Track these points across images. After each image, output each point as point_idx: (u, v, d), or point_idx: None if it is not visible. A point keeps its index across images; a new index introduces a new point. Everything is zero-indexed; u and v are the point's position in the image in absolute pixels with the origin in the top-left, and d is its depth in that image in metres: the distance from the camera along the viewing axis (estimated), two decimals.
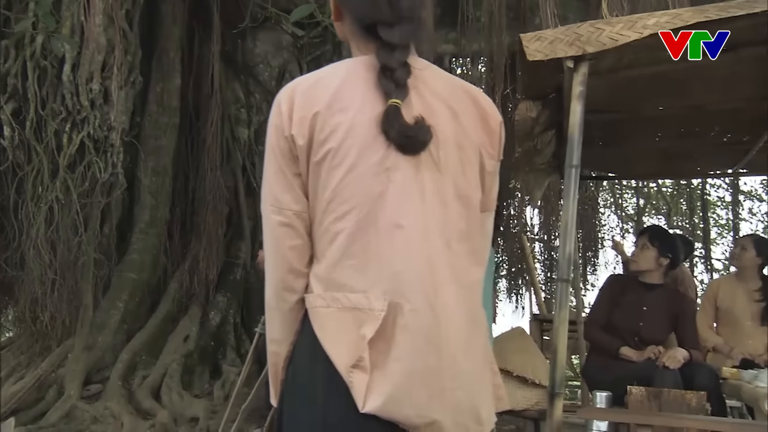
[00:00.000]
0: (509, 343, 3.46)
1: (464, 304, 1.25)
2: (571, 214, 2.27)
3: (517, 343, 3.47)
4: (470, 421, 1.22)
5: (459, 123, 1.28)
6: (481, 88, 6.06)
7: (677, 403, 3.07)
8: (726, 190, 13.46)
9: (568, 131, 2.32)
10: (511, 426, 5.25)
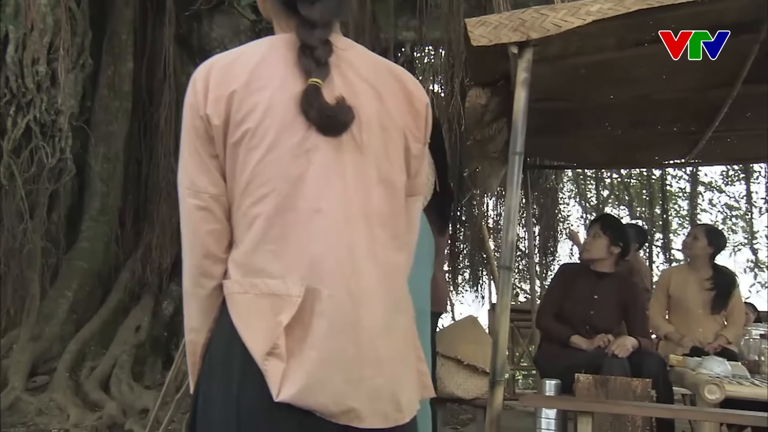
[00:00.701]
0: (460, 332, 3.48)
1: (386, 290, 1.23)
2: (514, 202, 2.27)
3: (469, 332, 3.48)
4: (389, 408, 1.20)
5: (383, 104, 1.25)
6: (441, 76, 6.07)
7: (623, 391, 3.12)
8: (687, 181, 13.74)
9: (513, 118, 2.32)
10: (469, 415, 5.30)
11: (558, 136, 3.93)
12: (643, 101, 3.22)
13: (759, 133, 3.71)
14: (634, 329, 3.69)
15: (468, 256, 8.16)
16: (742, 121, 3.47)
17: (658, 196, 13.40)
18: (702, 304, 4.32)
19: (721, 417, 2.44)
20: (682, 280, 4.40)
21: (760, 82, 2.91)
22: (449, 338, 3.39)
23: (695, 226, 4.78)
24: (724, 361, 3.11)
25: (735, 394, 2.55)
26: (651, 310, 4.47)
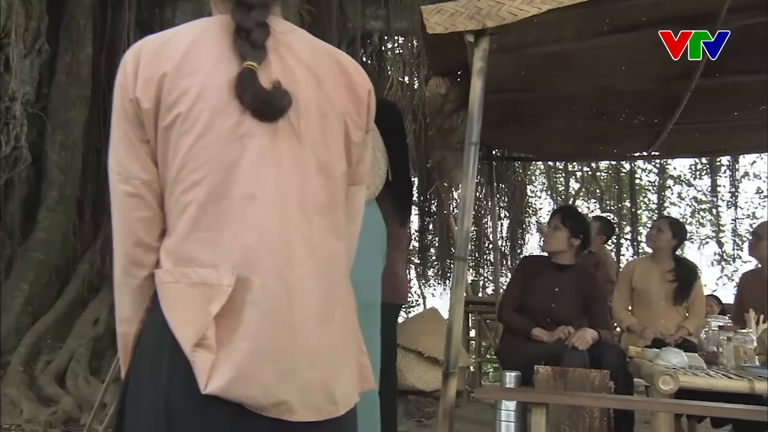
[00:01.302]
0: (421, 325, 3.48)
1: (322, 280, 1.21)
2: (470, 193, 2.27)
3: (430, 324, 3.49)
4: (323, 401, 1.19)
5: (323, 90, 1.23)
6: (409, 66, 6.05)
7: (581, 382, 3.15)
8: (656, 174, 13.93)
9: (469, 108, 2.31)
10: (434, 408, 5.31)
11: (521, 128, 3.94)
12: (604, 93, 3.24)
13: (719, 126, 3.77)
14: (594, 321, 3.72)
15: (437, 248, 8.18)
16: (703, 114, 3.52)
17: (627, 190, 13.58)
18: (664, 296, 4.38)
19: (674, 407, 2.48)
20: (645, 272, 4.45)
21: (718, 75, 2.94)
22: (410, 331, 3.40)
23: (659, 219, 4.84)
24: (681, 352, 3.15)
25: (689, 385, 2.59)
26: (614, 302, 4.53)
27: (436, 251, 7.52)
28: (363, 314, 1.90)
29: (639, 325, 4.32)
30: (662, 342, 4.12)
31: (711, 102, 3.36)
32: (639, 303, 4.45)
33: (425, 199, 7.39)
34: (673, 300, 4.34)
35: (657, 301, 4.37)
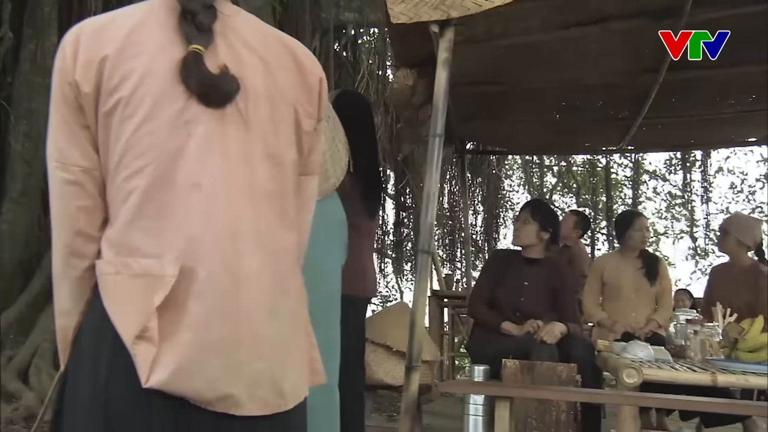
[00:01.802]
0: (390, 319, 3.46)
1: (271, 271, 1.19)
2: (433, 185, 2.26)
3: (399, 318, 3.46)
4: (270, 394, 1.16)
5: (272, 76, 1.20)
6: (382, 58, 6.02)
7: (548, 376, 3.16)
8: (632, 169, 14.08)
9: (434, 99, 2.30)
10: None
11: (493, 121, 3.94)
12: (573, 86, 3.25)
13: (688, 120, 3.80)
14: (563, 315, 3.73)
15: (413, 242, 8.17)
16: (671, 108, 3.55)
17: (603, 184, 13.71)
18: (635, 288, 4.41)
19: (637, 400, 2.49)
20: (615, 267, 4.48)
21: (685, 69, 2.96)
22: (379, 325, 3.38)
23: (639, 218, 4.82)
24: (647, 345, 3.17)
25: (653, 378, 2.60)
26: (584, 298, 4.55)
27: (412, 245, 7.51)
28: (322, 307, 1.90)
29: (609, 320, 4.36)
30: (632, 336, 4.16)
31: (679, 96, 3.38)
32: (610, 297, 4.48)
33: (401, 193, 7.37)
34: (649, 283, 4.36)
35: (628, 295, 4.41)
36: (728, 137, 4.50)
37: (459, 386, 2.39)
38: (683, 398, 2.57)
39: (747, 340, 2.80)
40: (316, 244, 1.85)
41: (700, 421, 3.81)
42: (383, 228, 8.42)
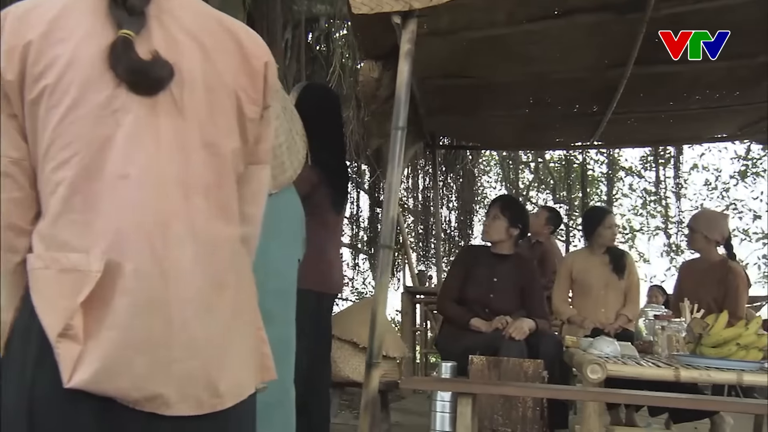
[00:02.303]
0: (357, 315, 3.43)
1: (207, 265, 1.15)
2: (395, 179, 2.24)
3: (366, 314, 3.41)
4: (204, 394, 1.13)
5: (210, 62, 1.16)
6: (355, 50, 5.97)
7: (515, 372, 3.16)
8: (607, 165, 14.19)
9: (396, 91, 2.28)
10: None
11: (464, 116, 3.93)
12: (542, 80, 3.25)
13: (657, 116, 3.83)
14: (532, 311, 3.74)
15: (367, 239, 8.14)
16: (640, 103, 3.56)
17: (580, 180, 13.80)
18: (604, 284, 4.43)
19: (600, 396, 2.50)
20: (584, 264, 4.50)
21: (652, 64, 2.97)
22: (346, 321, 3.34)
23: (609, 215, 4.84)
24: (614, 341, 3.19)
25: (617, 373, 2.61)
26: (554, 295, 4.56)
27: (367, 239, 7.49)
28: (277, 302, 1.87)
29: (579, 316, 4.38)
30: (602, 332, 4.18)
31: (647, 91, 3.40)
32: (579, 294, 4.50)
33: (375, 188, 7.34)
34: (617, 278, 4.38)
35: (597, 290, 4.42)
36: (698, 133, 4.54)
37: (420, 383, 2.38)
38: (648, 394, 2.58)
39: (711, 336, 2.82)
40: (271, 238, 1.83)
41: (668, 417, 3.84)
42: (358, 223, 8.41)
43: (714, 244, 4.14)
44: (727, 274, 4.06)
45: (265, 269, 1.77)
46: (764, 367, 2.75)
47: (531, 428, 3.13)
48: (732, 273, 4.07)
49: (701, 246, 4.20)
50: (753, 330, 2.77)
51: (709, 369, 2.58)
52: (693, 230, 4.25)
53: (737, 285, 4.04)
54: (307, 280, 2.87)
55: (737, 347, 2.73)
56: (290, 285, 1.92)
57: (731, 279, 4.03)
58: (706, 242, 4.13)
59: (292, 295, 1.93)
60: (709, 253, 4.19)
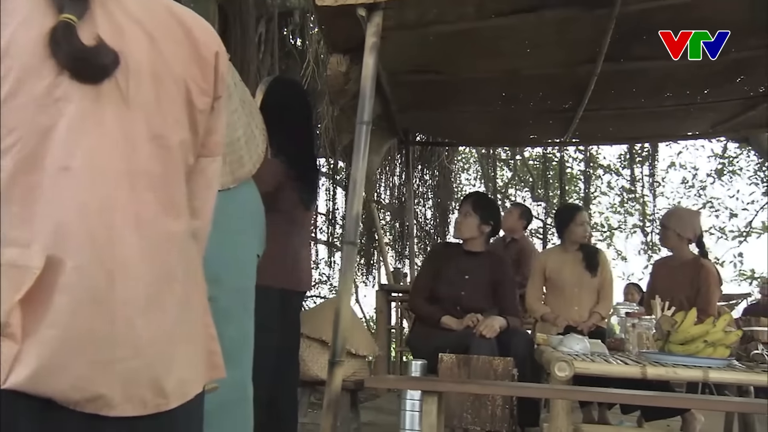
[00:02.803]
0: (326, 313, 3.39)
1: (153, 262, 1.12)
2: (360, 174, 2.22)
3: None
4: (148, 393, 1.10)
5: (157, 50, 1.13)
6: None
7: (485, 370, 3.16)
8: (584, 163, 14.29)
9: (361, 85, 2.26)
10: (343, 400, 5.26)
11: (437, 111, 3.92)
12: (513, 76, 3.25)
13: (629, 113, 3.85)
14: (503, 308, 3.74)
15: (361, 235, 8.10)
16: (612, 100, 3.58)
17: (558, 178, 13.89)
18: (577, 282, 4.45)
19: (566, 394, 2.50)
20: (558, 261, 4.52)
21: (622, 60, 2.99)
22: (315, 319, 3.32)
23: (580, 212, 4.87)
24: (584, 339, 3.20)
25: (584, 371, 2.62)
26: (527, 293, 4.59)
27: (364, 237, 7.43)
28: (235, 299, 1.85)
29: (552, 314, 4.40)
30: (575, 330, 4.20)
31: (618, 88, 3.42)
32: (553, 292, 4.52)
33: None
34: (590, 276, 4.41)
35: (570, 288, 4.45)
36: (671, 131, 4.57)
37: (384, 382, 2.37)
38: (617, 392, 2.59)
39: (678, 333, 2.83)
40: (229, 234, 1.80)
41: (640, 415, 3.87)
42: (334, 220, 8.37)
43: (686, 241, 4.18)
44: (699, 272, 4.10)
45: (222, 265, 1.75)
46: (732, 364, 2.78)
47: (500, 426, 3.14)
48: (704, 271, 4.11)
49: (674, 243, 4.23)
50: (720, 327, 2.79)
51: (676, 366, 2.60)
52: (666, 228, 4.29)
53: (709, 283, 4.08)
54: (273, 277, 2.85)
55: (704, 344, 2.74)
56: (248, 281, 1.89)
57: (703, 277, 4.07)
58: (678, 240, 4.17)
59: (250, 292, 1.91)
60: (682, 251, 4.23)
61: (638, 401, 2.41)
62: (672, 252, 4.40)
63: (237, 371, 1.81)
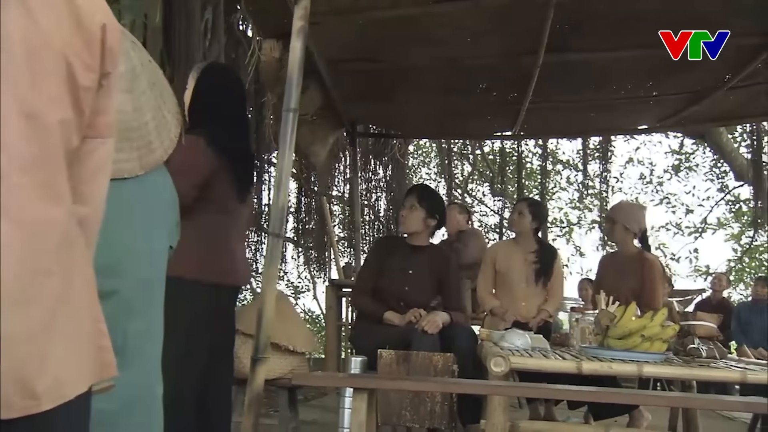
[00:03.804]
0: None
1: (25, 251, 1.05)
2: (286, 163, 2.17)
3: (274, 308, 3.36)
4: (16, 396, 1.04)
5: (33, 20, 1.06)
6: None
7: (424, 366, 3.14)
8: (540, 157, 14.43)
9: (288, 71, 2.20)
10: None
11: (381, 102, 3.88)
12: (455, 66, 3.22)
13: (575, 106, 3.86)
14: (447, 303, 3.73)
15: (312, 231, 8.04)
16: (556, 92, 3.58)
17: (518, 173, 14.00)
18: (525, 278, 4.47)
19: (503, 390, 2.50)
20: (508, 255, 4.53)
21: (562, 52, 2.99)
22: (251, 315, 3.24)
23: (519, 202, 4.95)
24: (525, 334, 3.21)
25: (520, 366, 2.62)
26: (478, 284, 4.60)
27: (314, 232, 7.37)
28: (141, 292, 1.77)
29: (501, 308, 4.41)
30: (523, 325, 4.22)
31: (561, 80, 3.42)
32: (501, 285, 4.53)
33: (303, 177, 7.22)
34: (535, 281, 4.45)
35: (518, 284, 4.46)
36: (617, 124, 4.63)
37: (309, 379, 2.33)
38: (551, 387, 2.59)
39: (616, 328, 2.86)
40: (133, 223, 1.73)
41: (587, 411, 3.90)
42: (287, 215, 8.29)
43: (632, 235, 4.25)
44: (643, 266, 4.17)
45: (124, 256, 1.68)
46: (669, 358, 2.81)
47: (439, 423, 3.12)
48: (648, 264, 4.18)
49: (619, 237, 4.29)
50: (658, 322, 2.82)
51: (613, 360, 2.61)
52: (613, 221, 4.35)
53: (653, 277, 4.15)
54: (205, 272, 2.77)
55: (642, 339, 2.77)
56: (156, 273, 1.82)
57: (647, 271, 4.14)
58: (624, 233, 4.24)
59: (157, 284, 1.84)
60: (627, 246, 4.30)
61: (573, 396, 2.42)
62: (618, 246, 4.48)
63: (142, 367, 1.75)
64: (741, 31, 2.85)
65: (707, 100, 3.69)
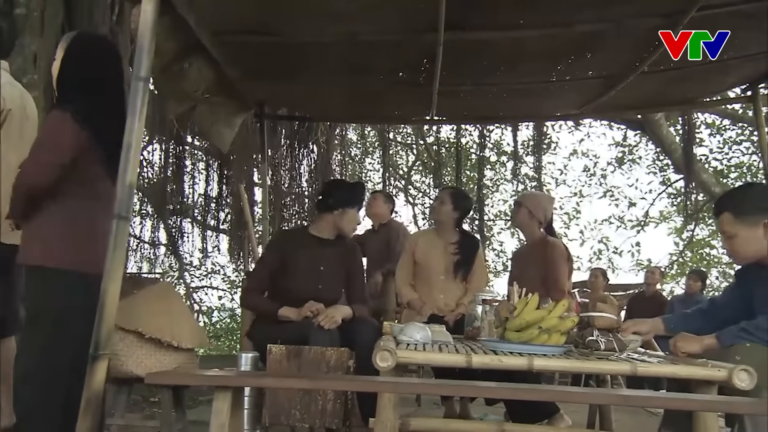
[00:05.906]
0: (147, 302, 3.19)
1: None
2: (135, 137, 2.03)
3: (158, 302, 3.20)
4: None
5: None
6: None
7: (317, 362, 3.05)
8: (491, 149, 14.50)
9: (138, 36, 2.06)
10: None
11: (283, 82, 3.74)
12: (354, 42, 3.10)
13: (487, 90, 3.80)
14: (352, 297, 3.66)
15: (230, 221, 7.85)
16: (464, 75, 3.52)
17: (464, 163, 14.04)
18: (444, 270, 4.43)
19: (392, 387, 2.43)
20: (428, 245, 4.48)
21: (463, 30, 2.91)
22: (132, 309, 3.09)
23: (441, 190, 4.93)
24: (425, 327, 3.13)
25: (408, 360, 2.55)
26: (396, 275, 4.55)
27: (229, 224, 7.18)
28: None
29: (419, 301, 4.36)
30: (439, 318, 4.17)
31: (470, 61, 3.35)
32: (420, 277, 4.47)
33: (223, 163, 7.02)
34: (453, 274, 4.41)
35: (437, 276, 4.41)
36: (535, 110, 4.60)
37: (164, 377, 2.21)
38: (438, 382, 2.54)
39: (515, 320, 2.82)
40: None
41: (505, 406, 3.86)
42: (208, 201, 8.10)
43: (537, 223, 4.30)
44: (545, 249, 4.23)
45: None
46: (570, 351, 2.78)
47: (331, 422, 3.04)
48: (549, 246, 4.25)
49: (524, 222, 4.34)
50: (556, 314, 2.79)
51: (505, 354, 2.57)
52: (519, 205, 4.43)
53: (554, 258, 4.19)
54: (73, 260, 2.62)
55: (539, 331, 2.73)
56: None
57: (549, 253, 4.21)
58: (528, 218, 4.29)
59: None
60: (532, 233, 4.35)
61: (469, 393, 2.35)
62: (522, 232, 4.54)
63: None
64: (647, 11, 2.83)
65: (622, 85, 3.68)
